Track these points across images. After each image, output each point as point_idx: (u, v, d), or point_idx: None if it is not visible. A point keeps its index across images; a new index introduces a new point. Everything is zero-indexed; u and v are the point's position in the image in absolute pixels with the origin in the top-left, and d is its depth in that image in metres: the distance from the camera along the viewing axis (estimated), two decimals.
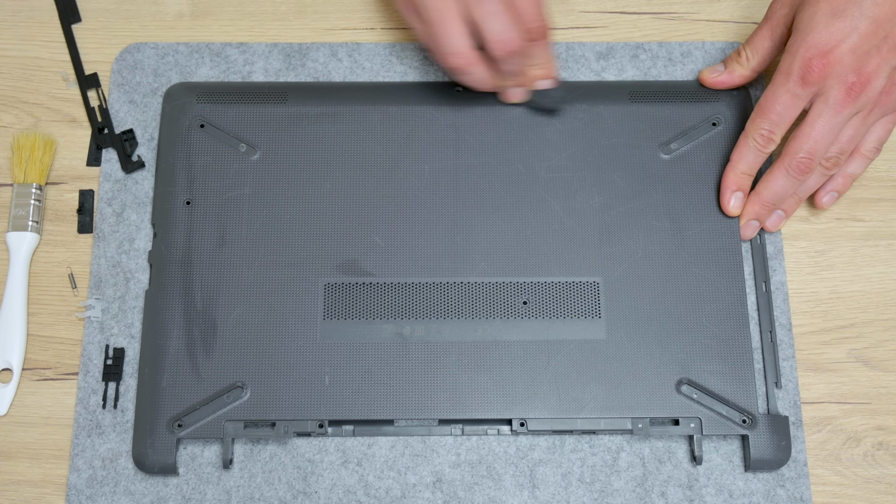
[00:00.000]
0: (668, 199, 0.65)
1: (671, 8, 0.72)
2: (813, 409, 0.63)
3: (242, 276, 0.63)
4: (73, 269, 0.65)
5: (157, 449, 0.60)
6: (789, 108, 0.61)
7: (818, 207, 0.66)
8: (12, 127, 0.68)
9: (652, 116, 0.67)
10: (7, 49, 0.70)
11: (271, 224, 0.64)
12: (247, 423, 0.60)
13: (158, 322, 0.62)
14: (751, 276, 0.64)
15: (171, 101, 0.67)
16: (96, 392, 0.62)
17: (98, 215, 0.66)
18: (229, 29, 0.71)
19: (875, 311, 0.65)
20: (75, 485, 0.60)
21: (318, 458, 0.61)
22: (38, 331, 0.64)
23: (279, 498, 0.60)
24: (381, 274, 0.63)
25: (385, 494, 0.60)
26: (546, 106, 0.66)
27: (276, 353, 0.61)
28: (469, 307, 0.62)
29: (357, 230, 0.64)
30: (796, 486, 0.61)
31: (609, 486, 0.60)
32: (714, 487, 0.60)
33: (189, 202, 0.64)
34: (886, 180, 0.68)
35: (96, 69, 0.69)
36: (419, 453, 0.61)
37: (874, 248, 0.66)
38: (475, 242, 0.64)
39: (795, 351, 0.64)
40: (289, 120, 0.66)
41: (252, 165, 0.65)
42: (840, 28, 0.59)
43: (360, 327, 0.62)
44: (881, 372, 0.64)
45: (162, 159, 0.66)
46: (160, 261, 0.63)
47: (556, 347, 0.61)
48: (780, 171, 0.63)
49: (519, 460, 0.61)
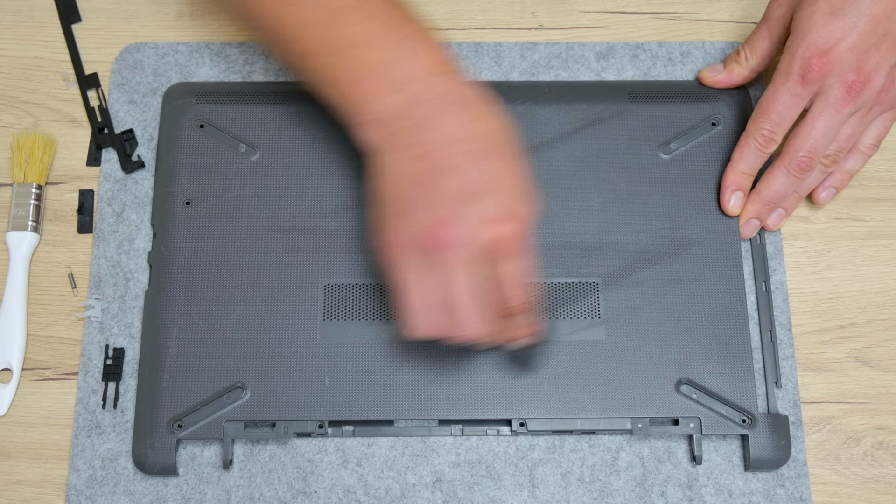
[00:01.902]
0: (668, 199, 0.65)
1: (671, 8, 0.72)
2: (812, 409, 0.63)
3: (242, 277, 0.63)
4: (73, 269, 0.65)
5: (157, 449, 0.60)
6: (790, 107, 0.61)
7: (816, 203, 0.66)
8: (12, 127, 0.68)
9: (652, 116, 0.67)
10: (7, 49, 0.70)
11: (271, 224, 0.64)
12: (247, 424, 0.60)
13: (158, 322, 0.62)
14: (750, 276, 0.64)
15: (170, 101, 0.67)
16: (96, 392, 0.62)
17: (98, 215, 0.66)
18: (229, 29, 0.71)
19: (875, 310, 0.65)
20: (75, 485, 0.60)
21: (317, 458, 0.61)
22: (38, 331, 0.64)
23: (279, 498, 0.60)
24: (381, 274, 0.63)
25: (385, 494, 0.60)
26: (522, 359, 0.61)
27: (276, 354, 0.61)
28: None
29: (357, 231, 0.64)
30: (796, 485, 0.61)
31: (609, 485, 0.61)
32: (714, 487, 0.60)
33: (189, 202, 0.64)
34: (886, 180, 0.68)
35: (96, 69, 0.69)
36: (419, 453, 0.61)
37: (874, 248, 0.66)
38: None
39: (795, 351, 0.64)
40: (289, 120, 0.66)
41: (252, 165, 0.65)
42: (839, 26, 0.59)
43: (360, 328, 0.62)
44: (881, 372, 0.64)
45: (162, 159, 0.66)
46: (160, 261, 0.63)
47: (556, 348, 0.61)
48: (780, 170, 0.63)
49: (519, 460, 0.61)
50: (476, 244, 0.53)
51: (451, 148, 0.54)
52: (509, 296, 0.54)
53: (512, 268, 0.54)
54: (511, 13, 0.72)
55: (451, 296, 0.53)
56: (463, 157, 0.54)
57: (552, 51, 0.70)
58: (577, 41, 0.71)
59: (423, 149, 0.54)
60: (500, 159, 0.55)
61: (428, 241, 0.53)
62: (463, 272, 0.53)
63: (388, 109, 0.55)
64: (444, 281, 0.53)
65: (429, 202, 0.53)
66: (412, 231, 0.54)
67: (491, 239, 0.53)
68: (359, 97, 0.56)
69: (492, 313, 0.54)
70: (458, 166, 0.54)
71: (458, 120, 0.55)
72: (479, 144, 0.54)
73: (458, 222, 0.53)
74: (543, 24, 0.71)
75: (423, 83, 0.55)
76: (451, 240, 0.52)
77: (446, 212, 0.53)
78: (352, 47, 0.56)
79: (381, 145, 0.56)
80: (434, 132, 0.54)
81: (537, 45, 0.70)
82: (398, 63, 0.56)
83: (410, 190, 0.54)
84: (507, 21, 0.72)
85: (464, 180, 0.53)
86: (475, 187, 0.53)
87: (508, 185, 0.54)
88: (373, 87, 0.56)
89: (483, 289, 0.54)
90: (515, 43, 0.70)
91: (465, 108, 0.55)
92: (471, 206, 0.53)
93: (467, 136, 0.54)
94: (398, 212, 0.55)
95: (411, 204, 0.54)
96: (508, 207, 0.53)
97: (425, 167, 0.54)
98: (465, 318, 0.54)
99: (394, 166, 0.55)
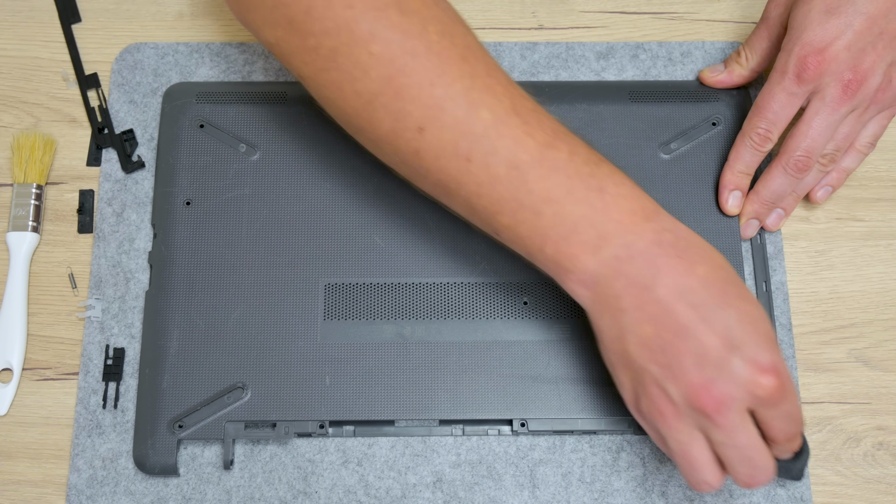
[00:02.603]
0: (668, 198, 0.65)
1: (671, 8, 0.72)
2: (813, 409, 0.63)
3: (242, 276, 0.63)
4: (73, 269, 0.65)
5: (157, 450, 0.60)
6: (786, 106, 0.61)
7: (812, 202, 0.66)
8: (12, 127, 0.68)
9: (652, 116, 0.67)
10: (7, 49, 0.70)
11: (271, 224, 0.64)
12: (247, 424, 0.60)
13: (159, 322, 0.62)
14: (751, 276, 0.65)
15: (170, 101, 0.67)
16: (96, 392, 0.62)
17: (98, 215, 0.66)
18: (229, 29, 0.71)
19: (875, 311, 0.65)
20: (75, 485, 0.60)
21: (318, 458, 0.61)
22: (38, 331, 0.64)
23: (279, 498, 0.60)
24: (381, 274, 0.63)
25: (385, 494, 0.60)
26: (793, 471, 0.57)
27: (276, 354, 0.61)
28: (469, 307, 0.62)
29: (357, 231, 0.64)
30: (796, 486, 0.61)
31: (609, 486, 0.61)
32: None
33: (189, 202, 0.64)
34: (886, 180, 0.68)
35: (96, 69, 0.69)
36: (419, 453, 0.61)
37: (874, 248, 0.66)
38: (475, 242, 0.63)
39: (795, 351, 0.64)
40: (289, 120, 0.66)
41: (252, 165, 0.65)
42: (835, 25, 0.59)
43: (360, 328, 0.62)
44: (881, 372, 0.64)
45: (162, 159, 0.66)
46: (160, 261, 0.63)
47: (557, 347, 0.61)
48: (777, 170, 0.63)
49: (519, 460, 0.61)
50: (745, 400, 0.50)
51: (678, 306, 0.51)
52: (789, 434, 0.53)
53: (783, 411, 0.51)
54: (511, 13, 0.72)
55: (742, 450, 0.51)
56: (693, 316, 0.51)
57: (552, 51, 0.70)
58: (577, 41, 0.71)
59: (648, 312, 0.51)
60: (729, 308, 0.51)
61: (698, 406, 0.50)
62: (741, 424, 0.51)
63: (597, 271, 0.52)
64: (728, 437, 0.51)
65: (677, 370, 0.51)
66: (678, 398, 0.51)
67: (758, 395, 0.50)
68: (562, 257, 0.53)
69: (768, 467, 0.53)
70: (690, 327, 0.50)
71: (676, 271, 0.51)
72: (704, 297, 0.51)
73: (718, 384, 0.50)
74: (543, 24, 0.71)
75: (629, 235, 0.52)
76: (719, 403, 0.50)
77: (699, 377, 0.50)
78: (545, 203, 0.52)
79: (596, 307, 0.53)
80: (653, 291, 0.51)
81: (537, 45, 0.70)
82: (598, 215, 0.52)
83: (651, 358, 0.51)
84: (507, 21, 0.72)
85: (701, 342, 0.50)
86: (714, 348, 0.50)
87: (747, 336, 0.51)
88: (575, 245, 0.52)
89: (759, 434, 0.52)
90: (515, 43, 0.70)
91: (681, 255, 0.52)
92: (721, 368, 0.50)
93: (691, 289, 0.51)
94: (650, 379, 0.52)
95: (657, 370, 0.51)
96: (757, 363, 0.50)
97: (654, 333, 0.51)
98: (763, 465, 0.52)
99: (620, 331, 0.52)
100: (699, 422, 0.51)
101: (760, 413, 0.51)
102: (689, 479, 0.53)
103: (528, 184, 0.52)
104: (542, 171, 0.52)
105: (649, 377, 0.52)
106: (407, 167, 0.56)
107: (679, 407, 0.51)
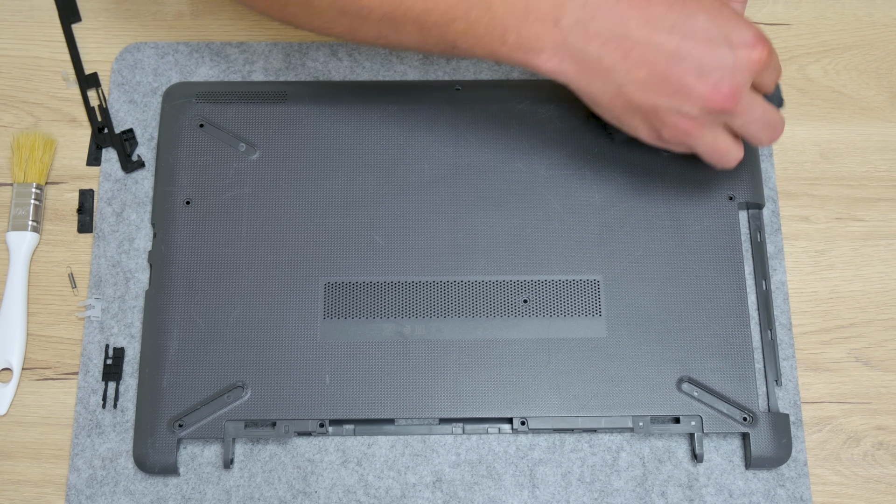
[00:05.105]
0: (669, 196, 0.65)
1: None
2: (813, 409, 0.63)
3: (242, 276, 0.63)
4: (73, 269, 0.65)
5: (157, 449, 0.59)
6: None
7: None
8: (12, 127, 0.68)
9: None
10: (7, 49, 0.70)
11: (271, 224, 0.64)
12: (247, 423, 0.60)
13: (158, 322, 0.62)
14: (751, 276, 0.65)
15: (170, 101, 0.67)
16: (96, 392, 0.62)
17: (98, 215, 0.66)
18: (229, 29, 0.71)
19: (875, 310, 0.65)
20: (75, 485, 0.60)
21: (318, 457, 0.61)
22: (38, 330, 0.64)
23: (279, 498, 0.60)
24: (381, 273, 0.63)
25: (385, 494, 0.60)
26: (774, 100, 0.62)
27: (276, 353, 0.61)
28: (469, 306, 0.62)
29: (357, 230, 0.64)
30: (796, 485, 0.61)
31: (609, 485, 0.60)
32: (714, 487, 0.60)
33: (189, 202, 0.64)
34: (886, 180, 0.68)
35: (96, 69, 0.69)
36: (419, 453, 0.61)
37: (874, 248, 0.66)
38: (475, 241, 0.64)
39: (795, 351, 0.64)
40: (289, 120, 0.66)
41: (252, 165, 0.65)
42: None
43: (360, 326, 0.62)
44: (881, 372, 0.64)
45: (162, 159, 0.66)
46: (160, 261, 0.63)
47: (557, 346, 0.61)
48: None
49: (519, 460, 0.61)
50: (749, 79, 0.55)
51: (657, 37, 0.54)
52: (776, 79, 0.59)
53: (774, 64, 0.57)
54: None
55: (760, 120, 0.57)
56: (675, 39, 0.54)
57: None
58: None
59: (634, 58, 0.54)
60: (696, 13, 0.54)
61: (717, 109, 0.55)
62: (752, 101, 0.57)
63: (566, 40, 0.54)
64: (747, 116, 0.57)
65: (686, 90, 0.55)
66: (696, 112, 0.56)
67: (757, 68, 0.55)
68: (526, 40, 0.55)
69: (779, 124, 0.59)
70: (677, 49, 0.54)
71: (637, 8, 0.54)
72: (672, 17, 0.54)
73: (725, 82, 0.54)
74: None
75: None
76: (732, 97, 0.55)
77: (707, 85, 0.54)
78: None
79: (581, 77, 0.56)
80: (628, 38, 0.54)
81: None
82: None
83: (657, 94, 0.55)
84: None
85: (693, 56, 0.54)
86: (706, 54, 0.54)
87: (724, 26, 0.55)
88: (534, 23, 0.54)
89: None
90: None
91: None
92: (721, 67, 0.54)
93: (658, 16, 0.54)
94: (665, 111, 0.56)
95: (668, 101, 0.55)
96: (745, 43, 0.55)
97: (649, 72, 0.55)
98: (777, 121, 0.59)
99: (617, 87, 0.56)
100: (719, 119, 0.57)
101: (758, 79, 0.57)
102: (721, 163, 0.60)
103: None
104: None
105: (663, 110, 0.56)
106: (347, 15, 0.57)
107: (699, 118, 0.56)
